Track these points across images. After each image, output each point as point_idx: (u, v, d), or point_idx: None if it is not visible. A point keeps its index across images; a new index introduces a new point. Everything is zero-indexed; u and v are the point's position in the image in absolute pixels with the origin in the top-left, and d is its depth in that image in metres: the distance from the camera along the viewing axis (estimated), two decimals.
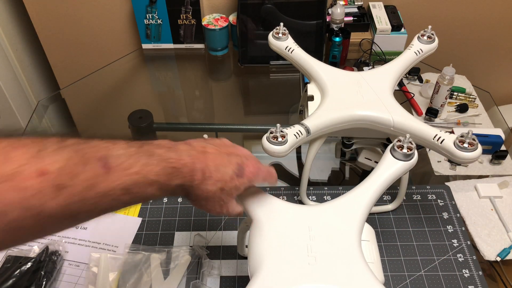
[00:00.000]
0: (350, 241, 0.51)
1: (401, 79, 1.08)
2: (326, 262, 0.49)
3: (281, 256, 0.49)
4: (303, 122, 0.67)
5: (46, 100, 1.07)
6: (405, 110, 0.69)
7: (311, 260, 0.49)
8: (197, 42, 1.20)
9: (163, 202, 0.80)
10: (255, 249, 0.51)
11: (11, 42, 1.26)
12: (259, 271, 0.48)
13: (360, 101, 0.71)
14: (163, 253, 0.71)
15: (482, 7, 1.23)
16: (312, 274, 0.48)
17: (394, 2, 1.20)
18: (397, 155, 0.56)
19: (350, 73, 0.76)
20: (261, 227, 0.52)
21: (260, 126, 1.01)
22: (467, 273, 0.69)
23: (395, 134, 0.66)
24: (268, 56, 1.13)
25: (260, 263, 0.49)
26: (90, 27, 1.27)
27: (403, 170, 0.56)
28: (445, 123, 0.96)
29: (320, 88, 0.75)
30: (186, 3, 1.13)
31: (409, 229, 0.76)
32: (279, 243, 0.50)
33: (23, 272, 0.67)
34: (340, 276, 0.47)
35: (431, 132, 0.65)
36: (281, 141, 0.62)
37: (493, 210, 0.79)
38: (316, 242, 0.50)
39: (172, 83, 1.13)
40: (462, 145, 0.61)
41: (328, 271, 0.48)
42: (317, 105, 0.72)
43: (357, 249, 0.50)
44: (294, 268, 0.48)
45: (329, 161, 0.92)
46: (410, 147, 0.56)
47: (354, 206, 0.54)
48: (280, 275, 0.48)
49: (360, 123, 0.70)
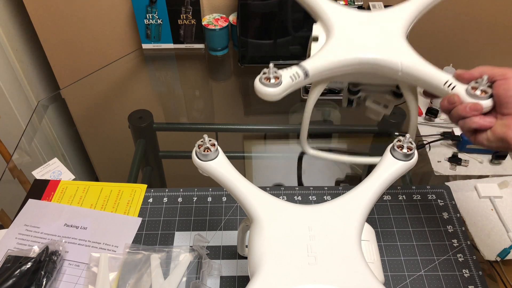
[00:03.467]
0: (350, 241, 0.50)
1: None
2: (326, 262, 0.48)
3: (281, 256, 0.49)
4: (302, 64, 0.62)
5: (46, 100, 1.07)
6: (416, 54, 0.64)
7: (311, 260, 0.49)
8: (197, 42, 1.20)
9: (163, 202, 0.80)
10: (255, 248, 0.51)
11: (11, 42, 1.26)
12: (259, 271, 0.48)
13: (367, 42, 0.65)
14: (163, 253, 0.71)
15: (482, 7, 1.23)
16: (312, 274, 0.47)
17: (394, 2, 1.20)
18: (397, 155, 0.56)
19: (360, 13, 0.69)
20: (261, 226, 0.52)
21: (260, 126, 1.01)
22: (467, 273, 0.69)
23: (404, 80, 0.64)
24: (268, 56, 1.13)
25: (260, 262, 0.49)
26: (90, 27, 1.27)
27: (403, 170, 0.56)
28: (445, 123, 0.96)
29: (326, 28, 0.68)
30: (186, 3, 1.13)
31: (409, 229, 0.76)
32: (279, 243, 0.50)
33: (23, 272, 0.67)
34: (340, 276, 0.47)
35: (442, 78, 0.61)
36: (274, 82, 0.60)
37: (493, 210, 0.79)
38: (316, 242, 0.50)
39: (172, 83, 1.13)
40: (474, 92, 0.58)
41: (328, 271, 0.48)
42: (320, 46, 0.67)
43: (357, 249, 0.50)
44: (294, 268, 0.48)
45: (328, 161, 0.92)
46: (410, 147, 0.56)
47: (354, 206, 0.54)
48: (280, 275, 0.48)
49: (365, 67, 0.64)
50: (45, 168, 0.87)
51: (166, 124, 1.01)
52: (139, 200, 0.81)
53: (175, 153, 0.95)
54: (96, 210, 0.79)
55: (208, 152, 0.57)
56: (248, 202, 0.55)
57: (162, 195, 0.82)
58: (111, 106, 1.07)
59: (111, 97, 1.10)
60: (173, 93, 1.10)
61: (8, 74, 1.26)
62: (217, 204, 0.80)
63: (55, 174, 0.86)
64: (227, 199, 0.80)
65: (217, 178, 0.58)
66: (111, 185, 0.83)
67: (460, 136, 0.89)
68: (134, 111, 1.01)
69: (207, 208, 0.79)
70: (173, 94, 1.09)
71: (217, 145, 0.58)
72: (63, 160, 0.90)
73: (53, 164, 0.88)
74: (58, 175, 0.86)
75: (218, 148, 0.59)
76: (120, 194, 0.82)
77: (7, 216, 0.81)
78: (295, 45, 1.11)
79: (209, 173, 0.59)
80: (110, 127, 1.02)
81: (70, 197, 0.81)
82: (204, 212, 0.79)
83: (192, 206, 0.80)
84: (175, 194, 0.82)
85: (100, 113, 1.06)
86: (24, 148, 0.94)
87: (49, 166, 0.88)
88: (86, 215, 0.78)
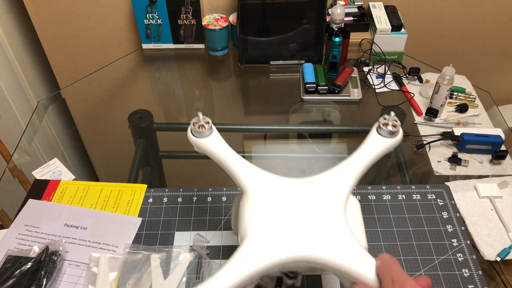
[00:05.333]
0: (336, 211, 0.53)
1: (401, 79, 1.08)
2: (312, 230, 0.51)
3: (269, 224, 0.51)
4: None
5: (46, 100, 1.07)
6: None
7: (297, 227, 0.51)
8: (197, 42, 1.20)
9: (163, 202, 0.80)
10: (245, 218, 0.53)
11: (11, 42, 1.26)
12: (248, 238, 0.50)
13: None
14: (163, 253, 0.71)
15: (482, 7, 1.23)
16: (299, 240, 0.50)
17: (394, 2, 1.20)
18: (383, 133, 0.59)
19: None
20: (251, 197, 0.54)
21: (260, 126, 1.01)
22: (467, 273, 0.69)
23: None
24: (268, 56, 1.13)
25: (249, 230, 0.51)
26: (90, 27, 1.27)
27: (388, 147, 0.58)
28: (445, 123, 0.96)
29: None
30: (186, 3, 1.13)
31: (409, 228, 0.76)
32: (268, 212, 0.53)
33: (23, 272, 0.67)
34: (326, 243, 0.49)
35: None
36: None
37: (493, 210, 0.79)
38: (303, 212, 0.52)
39: (172, 83, 1.13)
40: None
41: (314, 238, 0.50)
42: None
43: (342, 219, 0.52)
44: (281, 235, 0.50)
45: (328, 161, 0.92)
46: (395, 124, 0.58)
47: (340, 179, 0.56)
48: (267, 241, 0.50)
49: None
50: (45, 168, 0.88)
51: (166, 124, 1.01)
52: (139, 200, 0.81)
53: (175, 153, 0.95)
54: (96, 210, 0.79)
55: (202, 130, 0.60)
56: (239, 175, 0.57)
57: (162, 195, 0.82)
58: (111, 106, 1.07)
59: (111, 97, 1.10)
60: (173, 93, 1.10)
61: (8, 74, 1.26)
62: (217, 204, 0.80)
63: (55, 174, 0.86)
64: (227, 199, 0.81)
65: (211, 154, 0.60)
66: (111, 185, 0.83)
67: (460, 136, 0.89)
68: (134, 111, 1.01)
69: (207, 208, 0.79)
70: (173, 94, 1.09)
71: (211, 123, 0.61)
72: (63, 160, 0.90)
73: (53, 164, 0.88)
74: (58, 175, 0.86)
75: (212, 126, 0.61)
76: (120, 194, 0.82)
77: (7, 216, 0.81)
78: (295, 45, 1.11)
79: (204, 150, 0.61)
80: (110, 127, 1.02)
81: (70, 197, 0.81)
82: (204, 212, 0.79)
83: (192, 206, 0.80)
84: (175, 194, 0.82)
85: (100, 113, 1.06)
86: (24, 148, 0.95)
87: (49, 166, 0.88)
88: (86, 215, 0.78)
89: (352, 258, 0.48)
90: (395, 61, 1.13)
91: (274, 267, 0.49)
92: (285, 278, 0.56)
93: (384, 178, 0.88)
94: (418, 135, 0.94)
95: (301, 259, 0.49)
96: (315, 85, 1.03)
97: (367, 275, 0.46)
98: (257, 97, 1.08)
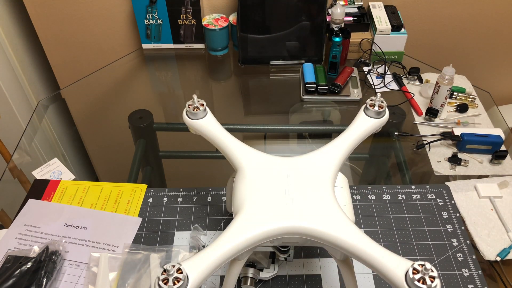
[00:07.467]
0: (324, 186, 0.56)
1: (401, 79, 1.08)
2: (302, 203, 0.54)
3: (261, 198, 0.54)
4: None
5: (46, 100, 1.07)
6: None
7: (288, 201, 0.54)
8: (197, 42, 1.20)
9: (163, 202, 0.80)
10: (239, 193, 0.56)
11: (11, 42, 1.26)
12: (242, 210, 0.53)
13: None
14: (163, 252, 0.71)
15: (482, 7, 1.23)
16: (289, 212, 0.53)
17: (394, 2, 1.20)
18: (370, 113, 0.62)
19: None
20: (244, 174, 0.57)
21: (260, 126, 1.01)
22: (467, 272, 0.69)
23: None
24: (268, 56, 1.13)
25: (242, 204, 0.54)
26: (90, 27, 1.27)
27: (375, 127, 0.62)
28: (445, 123, 0.96)
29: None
30: (186, 3, 1.13)
31: (409, 228, 0.76)
32: (260, 187, 0.56)
33: (23, 272, 0.67)
34: (315, 215, 0.52)
35: None
36: None
37: (493, 210, 0.79)
38: (293, 187, 0.55)
39: (172, 83, 1.13)
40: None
41: (304, 210, 0.53)
42: None
43: (330, 193, 0.55)
44: (272, 208, 0.53)
45: None
46: (381, 105, 0.62)
47: (330, 156, 0.59)
48: (260, 213, 0.53)
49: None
50: (45, 168, 0.88)
51: (166, 124, 1.01)
52: (139, 200, 0.81)
53: (175, 153, 0.95)
54: (96, 210, 0.79)
55: (197, 111, 0.63)
56: (233, 154, 0.60)
57: (162, 195, 0.82)
58: (111, 106, 1.07)
59: (111, 97, 1.10)
60: (173, 93, 1.10)
61: (8, 74, 1.26)
62: (217, 204, 0.80)
63: (55, 174, 0.86)
64: None
65: (206, 135, 0.63)
66: (111, 185, 0.83)
67: (460, 136, 0.89)
68: (134, 111, 1.01)
69: (207, 208, 0.79)
70: (173, 94, 1.09)
71: (206, 105, 0.63)
72: (63, 160, 0.90)
73: (53, 164, 0.88)
74: (58, 175, 0.86)
75: (206, 108, 0.64)
76: (120, 194, 0.82)
77: (7, 216, 0.81)
78: (295, 45, 1.11)
79: (199, 131, 0.63)
80: (110, 127, 1.02)
81: (70, 197, 0.81)
82: (204, 212, 0.79)
83: (192, 206, 0.80)
84: (175, 194, 0.82)
85: (100, 113, 1.06)
86: (24, 148, 0.95)
87: (49, 166, 0.88)
88: (86, 215, 0.78)
89: (338, 229, 0.51)
90: (395, 61, 1.13)
91: (267, 237, 0.51)
92: (278, 252, 0.61)
93: (384, 178, 0.88)
94: (418, 135, 0.94)
95: (291, 230, 0.52)
96: (315, 85, 1.03)
97: (354, 244, 0.49)
98: (257, 97, 1.08)
